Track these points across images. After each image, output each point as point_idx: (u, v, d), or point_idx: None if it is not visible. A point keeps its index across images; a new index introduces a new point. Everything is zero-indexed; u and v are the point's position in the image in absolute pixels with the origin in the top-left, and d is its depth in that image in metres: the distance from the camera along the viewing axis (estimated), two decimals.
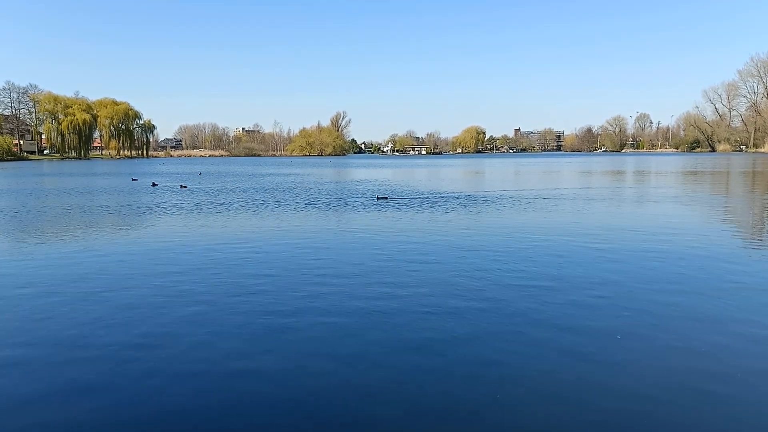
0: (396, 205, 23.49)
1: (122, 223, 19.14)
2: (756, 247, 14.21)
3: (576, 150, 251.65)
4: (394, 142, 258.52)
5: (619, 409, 5.25)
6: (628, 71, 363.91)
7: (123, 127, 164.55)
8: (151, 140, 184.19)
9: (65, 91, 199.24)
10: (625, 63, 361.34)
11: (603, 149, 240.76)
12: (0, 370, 6.31)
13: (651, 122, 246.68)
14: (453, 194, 29.47)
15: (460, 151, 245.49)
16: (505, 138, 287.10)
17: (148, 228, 17.95)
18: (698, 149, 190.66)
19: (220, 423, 5.07)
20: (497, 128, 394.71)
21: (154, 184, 40.71)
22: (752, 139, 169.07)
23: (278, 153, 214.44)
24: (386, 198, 26.01)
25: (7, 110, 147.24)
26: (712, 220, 18.81)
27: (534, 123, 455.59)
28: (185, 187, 38.13)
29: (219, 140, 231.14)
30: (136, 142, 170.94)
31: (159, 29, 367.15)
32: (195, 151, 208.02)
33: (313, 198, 28.04)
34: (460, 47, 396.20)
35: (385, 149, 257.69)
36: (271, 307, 8.56)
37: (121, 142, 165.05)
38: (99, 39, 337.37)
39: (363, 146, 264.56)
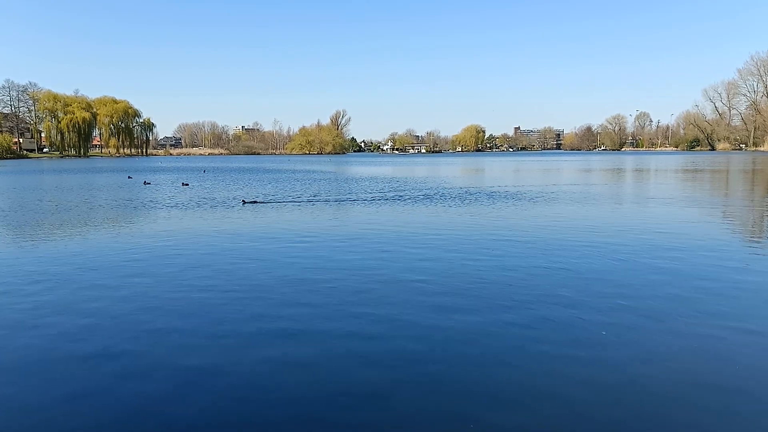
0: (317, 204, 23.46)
1: (119, 220, 19.21)
2: (755, 245, 14.29)
3: (576, 148, 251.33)
4: (393, 140, 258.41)
5: (611, 408, 5.31)
6: (627, 70, 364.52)
7: (122, 125, 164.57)
8: (150, 138, 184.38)
9: (65, 90, 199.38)
10: (624, 62, 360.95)
11: (603, 148, 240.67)
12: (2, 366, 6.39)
13: (651, 121, 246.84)
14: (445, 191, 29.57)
15: (459, 150, 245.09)
16: (504, 136, 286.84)
17: (147, 224, 18.02)
18: (698, 148, 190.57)
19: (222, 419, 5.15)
20: (497, 127, 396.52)
21: (146, 183, 40.74)
22: (752, 137, 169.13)
23: (278, 151, 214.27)
24: (255, 202, 25.49)
25: (6, 108, 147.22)
26: (711, 219, 18.89)
27: (534, 121, 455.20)
28: (187, 185, 38.15)
29: (218, 139, 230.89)
30: (135, 140, 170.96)
31: (159, 28, 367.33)
32: (194, 150, 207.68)
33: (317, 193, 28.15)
34: (460, 46, 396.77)
35: (384, 148, 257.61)
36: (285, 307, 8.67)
37: (120, 140, 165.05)
38: (98, 37, 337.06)
39: (363, 145, 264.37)
